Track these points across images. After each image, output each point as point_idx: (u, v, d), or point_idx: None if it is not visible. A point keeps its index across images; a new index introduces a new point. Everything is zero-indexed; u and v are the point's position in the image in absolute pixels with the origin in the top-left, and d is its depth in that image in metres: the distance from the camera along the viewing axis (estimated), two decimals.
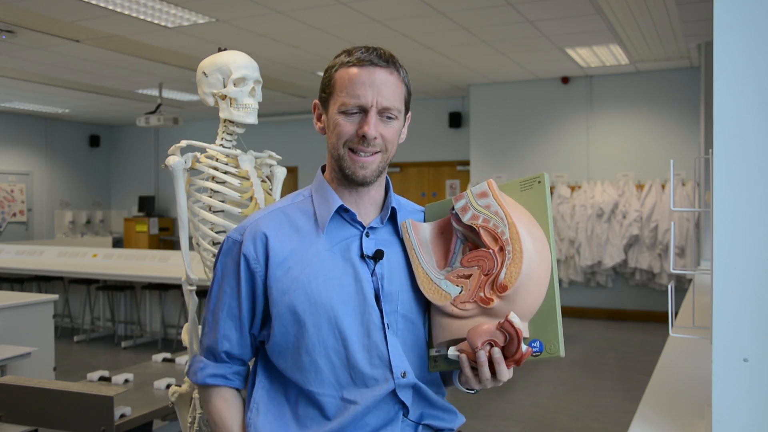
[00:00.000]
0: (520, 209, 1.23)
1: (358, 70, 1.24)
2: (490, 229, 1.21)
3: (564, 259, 8.14)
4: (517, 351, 1.12)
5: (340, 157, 1.26)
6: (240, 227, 1.30)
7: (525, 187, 1.25)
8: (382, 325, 1.23)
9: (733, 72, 1.19)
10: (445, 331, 1.23)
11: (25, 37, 6.03)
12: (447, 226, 1.31)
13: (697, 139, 7.31)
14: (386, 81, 1.24)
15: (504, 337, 1.13)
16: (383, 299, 1.25)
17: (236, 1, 5.06)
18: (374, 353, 1.22)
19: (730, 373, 1.19)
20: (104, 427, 2.30)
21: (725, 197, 1.19)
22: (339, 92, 1.25)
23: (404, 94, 1.29)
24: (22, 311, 3.98)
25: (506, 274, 1.16)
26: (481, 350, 1.13)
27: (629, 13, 5.47)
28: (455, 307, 1.21)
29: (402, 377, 1.22)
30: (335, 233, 1.28)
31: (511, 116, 8.55)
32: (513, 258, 1.16)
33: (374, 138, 1.23)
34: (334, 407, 1.22)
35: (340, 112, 1.24)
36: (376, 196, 1.33)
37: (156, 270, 6.44)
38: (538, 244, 1.18)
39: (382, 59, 1.25)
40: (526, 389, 5.09)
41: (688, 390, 1.93)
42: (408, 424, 1.25)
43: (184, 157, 1.99)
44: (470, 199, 1.26)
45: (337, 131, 1.25)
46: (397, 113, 1.27)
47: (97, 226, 12.40)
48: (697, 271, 1.71)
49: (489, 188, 1.25)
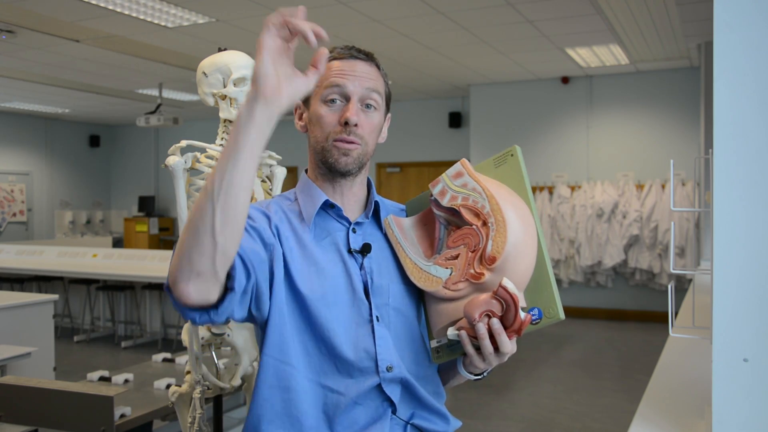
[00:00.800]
0: (497, 183, 1.23)
1: (339, 62, 1.27)
2: (470, 206, 1.20)
3: (564, 259, 8.14)
4: (516, 319, 1.09)
5: (324, 150, 1.27)
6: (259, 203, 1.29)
7: (499, 163, 1.25)
8: (370, 318, 1.24)
9: (733, 72, 1.19)
10: (442, 317, 1.22)
11: (25, 37, 6.03)
12: (429, 216, 1.31)
13: (697, 139, 7.31)
14: (367, 71, 1.27)
15: (501, 305, 1.11)
16: (373, 292, 1.26)
17: (236, 1, 5.06)
18: (360, 346, 1.22)
19: (730, 373, 1.19)
20: (104, 427, 2.30)
21: (725, 197, 1.19)
22: (320, 84, 1.26)
23: (384, 88, 1.31)
24: (22, 311, 3.98)
25: (493, 245, 1.15)
26: (480, 322, 1.11)
27: (629, 13, 5.47)
28: (448, 289, 1.20)
29: (387, 371, 1.22)
30: (322, 228, 1.29)
31: (511, 116, 8.55)
32: (497, 229, 1.15)
33: (355, 125, 1.24)
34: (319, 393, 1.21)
35: (322, 101, 1.26)
36: (359, 193, 1.34)
37: (156, 270, 6.44)
38: (519, 212, 1.17)
39: (362, 53, 1.29)
40: (526, 389, 5.09)
41: (688, 390, 1.93)
42: (397, 422, 1.24)
43: (184, 157, 1.99)
44: (446, 182, 1.26)
45: (321, 123, 1.27)
46: (378, 102, 1.28)
47: (97, 226, 12.40)
48: (697, 271, 1.71)
49: (463, 167, 1.25)
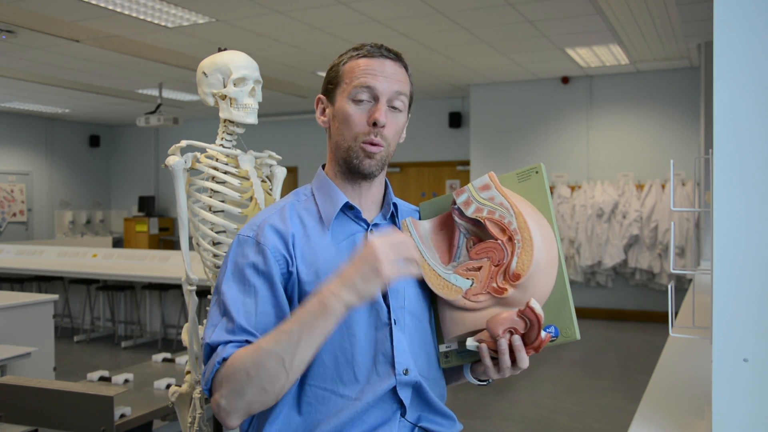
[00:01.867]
0: (523, 200, 1.24)
1: (369, 60, 1.26)
2: (497, 220, 1.22)
3: (564, 259, 8.13)
4: (537, 337, 1.13)
5: (349, 149, 1.25)
6: (251, 224, 1.26)
7: (523, 178, 1.27)
8: (388, 321, 1.24)
9: (733, 72, 1.19)
10: (458, 325, 1.23)
11: (25, 37, 6.03)
12: (446, 222, 1.32)
13: (697, 139, 7.31)
14: (396, 71, 1.27)
15: (524, 323, 1.14)
16: (390, 295, 1.25)
17: (236, 1, 5.06)
18: (379, 349, 1.22)
19: (730, 373, 1.19)
20: (104, 427, 2.30)
21: (725, 197, 1.19)
22: (349, 81, 1.25)
23: (410, 90, 1.31)
24: (22, 311, 3.98)
25: (518, 262, 1.17)
26: (503, 338, 1.14)
27: (629, 13, 5.47)
28: (468, 300, 1.22)
29: (404, 374, 1.22)
30: (340, 230, 1.28)
31: (511, 116, 8.55)
32: (523, 246, 1.18)
33: (383, 126, 1.23)
34: (333, 403, 1.21)
35: (350, 99, 1.24)
36: (377, 194, 1.34)
37: (156, 270, 6.44)
38: (544, 231, 1.20)
39: (391, 53, 1.29)
40: (526, 389, 5.09)
41: (688, 390, 1.93)
42: (405, 424, 1.24)
43: (184, 157, 1.99)
44: (472, 193, 1.27)
45: (349, 122, 1.24)
46: (404, 104, 1.28)
47: (97, 226, 12.40)
48: (697, 271, 1.71)
49: (491, 180, 1.27)
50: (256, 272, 1.19)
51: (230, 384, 1.11)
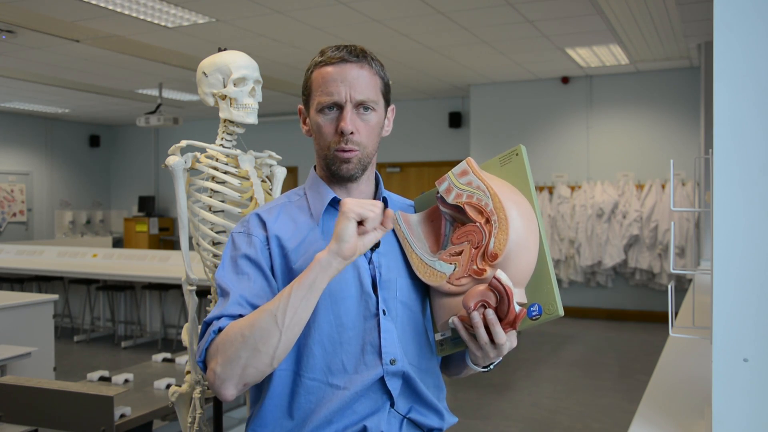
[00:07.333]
0: (501, 182, 1.25)
1: (331, 68, 1.27)
2: (474, 204, 1.23)
3: (564, 259, 8.14)
4: (510, 311, 1.12)
5: (326, 157, 1.30)
6: (243, 222, 1.32)
7: (504, 162, 1.28)
8: (376, 312, 1.25)
9: (733, 72, 1.19)
10: (445, 311, 1.25)
11: (25, 37, 6.03)
12: (435, 213, 1.34)
13: (697, 139, 7.31)
14: (358, 75, 1.27)
15: (495, 296, 1.13)
16: (381, 286, 1.28)
17: (236, 1, 5.06)
18: (367, 339, 1.24)
19: (730, 373, 1.19)
20: (104, 427, 2.30)
21: (725, 197, 1.19)
22: (315, 93, 1.28)
23: (380, 86, 1.31)
24: (22, 311, 3.98)
25: (495, 242, 1.18)
26: (475, 311, 1.14)
27: (629, 13, 5.47)
28: (451, 284, 1.23)
29: (390, 364, 1.24)
30: (330, 224, 1.30)
31: (511, 116, 8.55)
32: (499, 226, 1.18)
33: (351, 133, 1.26)
34: (322, 392, 1.23)
35: (317, 111, 1.28)
36: (366, 190, 1.36)
37: (156, 270, 6.44)
38: (522, 210, 1.20)
39: (353, 54, 1.28)
40: (526, 389, 5.09)
41: (688, 390, 1.93)
42: (394, 415, 1.26)
43: (184, 157, 1.99)
44: (452, 180, 1.28)
45: (320, 132, 1.29)
46: (374, 105, 1.29)
47: (97, 226, 12.40)
48: (697, 271, 1.71)
49: (468, 166, 1.28)
50: (249, 261, 1.25)
51: (226, 350, 1.13)
